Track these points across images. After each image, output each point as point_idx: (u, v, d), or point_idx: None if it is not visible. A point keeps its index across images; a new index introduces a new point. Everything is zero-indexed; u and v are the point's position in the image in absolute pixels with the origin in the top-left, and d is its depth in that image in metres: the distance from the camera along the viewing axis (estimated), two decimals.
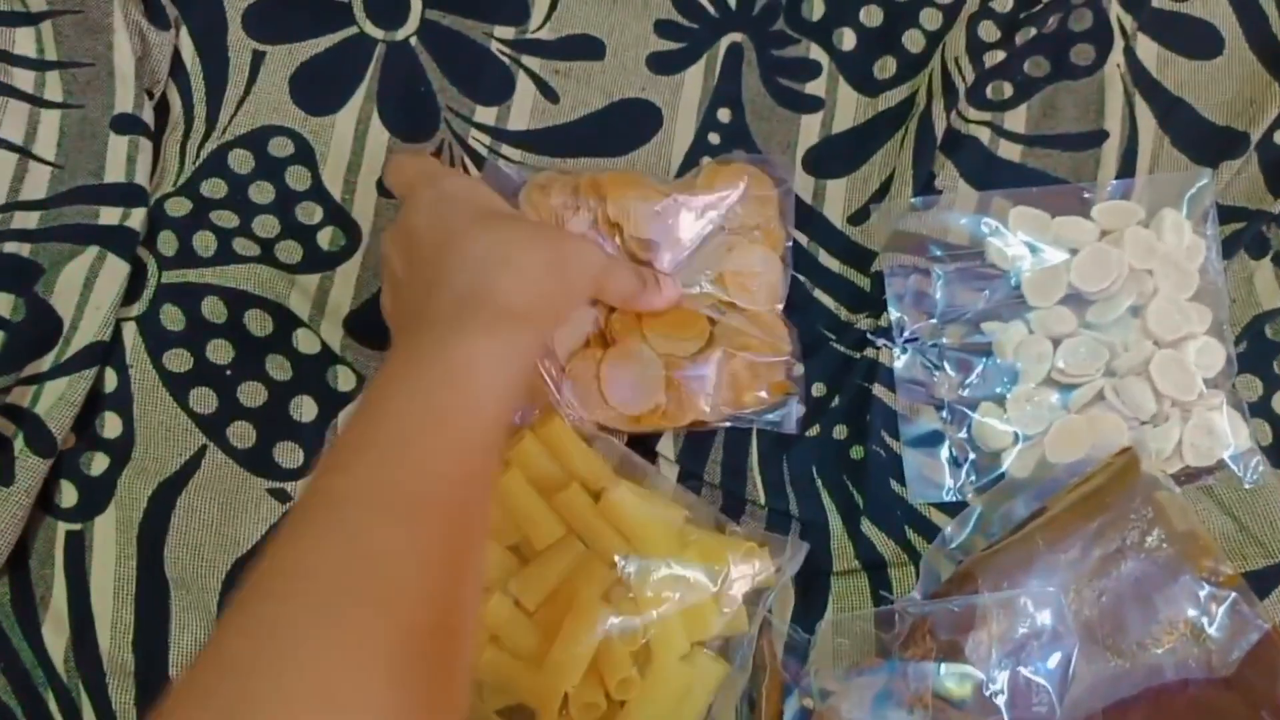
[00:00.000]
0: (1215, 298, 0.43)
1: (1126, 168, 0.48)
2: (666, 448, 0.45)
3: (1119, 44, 0.50)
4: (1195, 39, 0.51)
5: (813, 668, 0.41)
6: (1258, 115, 0.48)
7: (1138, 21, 0.51)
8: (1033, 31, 0.50)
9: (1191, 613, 0.38)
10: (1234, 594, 0.38)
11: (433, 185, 0.37)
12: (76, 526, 0.43)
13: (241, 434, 0.45)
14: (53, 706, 0.41)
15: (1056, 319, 0.43)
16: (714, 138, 0.50)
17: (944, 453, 0.43)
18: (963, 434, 0.43)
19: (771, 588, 0.41)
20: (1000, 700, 0.36)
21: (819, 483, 0.44)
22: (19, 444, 0.42)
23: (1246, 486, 0.42)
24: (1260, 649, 0.38)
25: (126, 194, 0.46)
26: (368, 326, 0.46)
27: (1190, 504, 0.41)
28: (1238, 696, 0.37)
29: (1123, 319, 0.42)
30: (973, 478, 0.43)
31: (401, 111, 0.50)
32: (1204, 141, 0.49)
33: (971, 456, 0.43)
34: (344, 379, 0.46)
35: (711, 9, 0.52)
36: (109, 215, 0.46)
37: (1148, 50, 0.51)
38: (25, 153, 0.47)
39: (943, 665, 0.37)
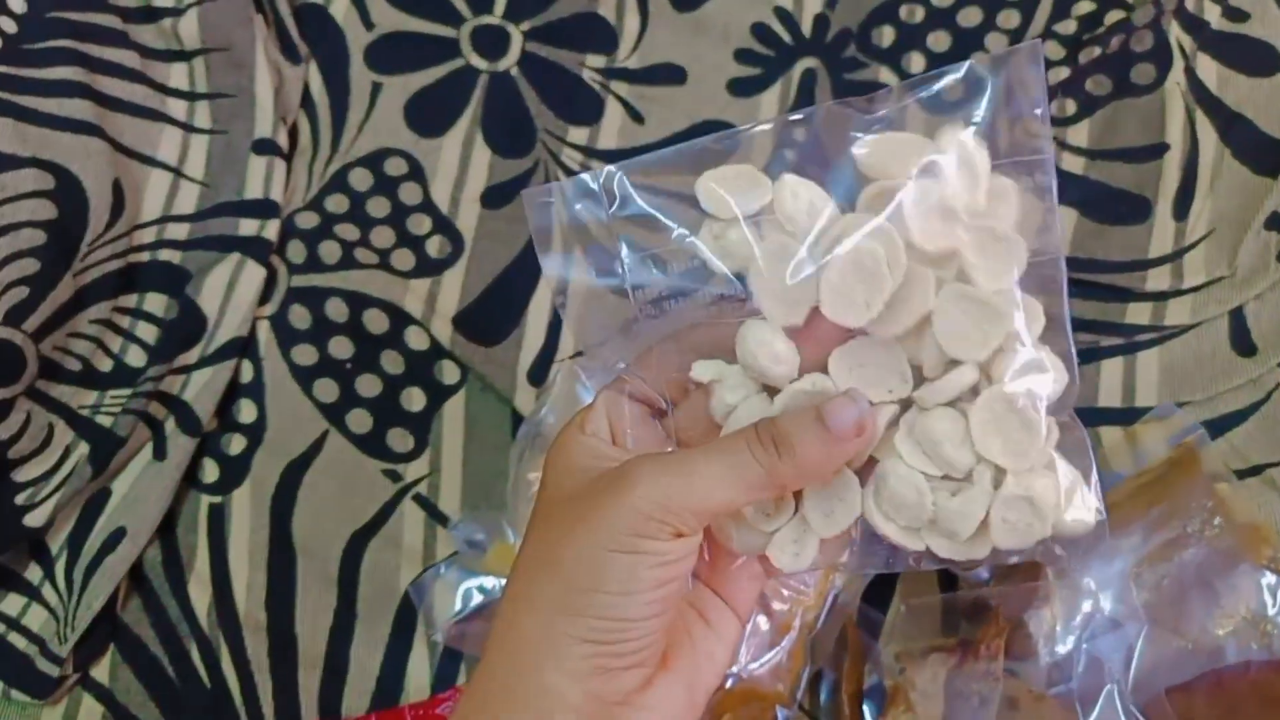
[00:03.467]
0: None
1: (1188, 178, 0.50)
2: None
3: (1179, 63, 0.53)
4: (1254, 58, 0.53)
5: (888, 645, 0.43)
6: None
7: (1198, 42, 0.53)
8: (1096, 51, 0.52)
9: (1253, 599, 0.40)
10: None
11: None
12: (218, 499, 0.48)
13: (359, 421, 0.49)
14: (195, 656, 0.46)
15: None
16: (789, 154, 0.54)
17: None
18: None
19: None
20: (1066, 675, 0.39)
21: None
22: (170, 425, 0.48)
23: None
24: None
25: (263, 208, 0.52)
26: (472, 325, 0.51)
27: (1252, 496, 0.43)
28: None
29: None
30: None
31: (502, 133, 0.55)
32: (1264, 153, 0.50)
33: None
34: (449, 372, 0.50)
35: (787, 37, 0.56)
36: (248, 227, 0.52)
37: (1207, 69, 0.53)
38: (177, 173, 0.53)
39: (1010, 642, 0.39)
